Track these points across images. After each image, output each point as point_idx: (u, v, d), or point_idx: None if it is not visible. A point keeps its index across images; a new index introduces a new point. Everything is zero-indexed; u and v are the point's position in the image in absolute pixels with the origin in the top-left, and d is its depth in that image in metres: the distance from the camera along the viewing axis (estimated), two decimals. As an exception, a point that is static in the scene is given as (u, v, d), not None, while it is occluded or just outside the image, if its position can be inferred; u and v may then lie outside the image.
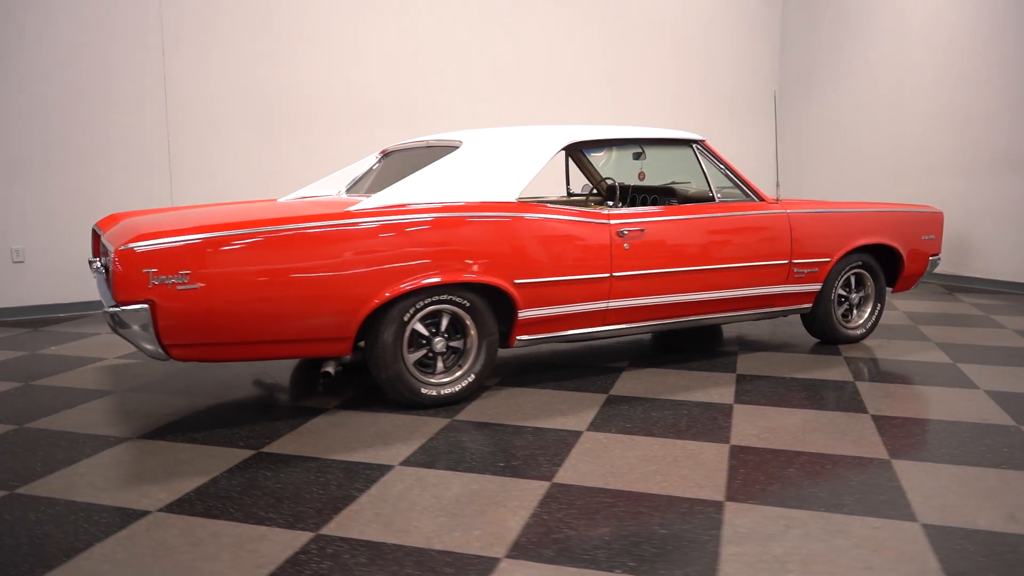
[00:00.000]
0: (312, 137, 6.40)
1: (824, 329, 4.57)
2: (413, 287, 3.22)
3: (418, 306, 3.30)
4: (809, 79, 8.42)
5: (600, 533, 2.24)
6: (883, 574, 2.01)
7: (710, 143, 4.39)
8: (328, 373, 3.27)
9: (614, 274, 3.69)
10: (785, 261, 4.21)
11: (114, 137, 5.74)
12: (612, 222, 3.70)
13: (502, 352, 4.44)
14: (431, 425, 3.20)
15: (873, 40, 7.65)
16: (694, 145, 4.13)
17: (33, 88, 5.47)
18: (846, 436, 3.05)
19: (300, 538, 2.21)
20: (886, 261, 4.76)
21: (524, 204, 3.54)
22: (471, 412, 3.37)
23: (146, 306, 2.79)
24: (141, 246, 2.79)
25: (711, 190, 4.10)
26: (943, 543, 2.17)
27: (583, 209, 3.70)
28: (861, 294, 4.68)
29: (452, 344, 3.46)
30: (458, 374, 3.46)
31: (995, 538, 2.20)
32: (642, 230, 3.77)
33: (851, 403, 3.47)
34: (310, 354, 3.20)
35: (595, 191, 5.26)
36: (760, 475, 2.67)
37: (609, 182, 5.14)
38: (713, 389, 3.70)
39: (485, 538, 2.21)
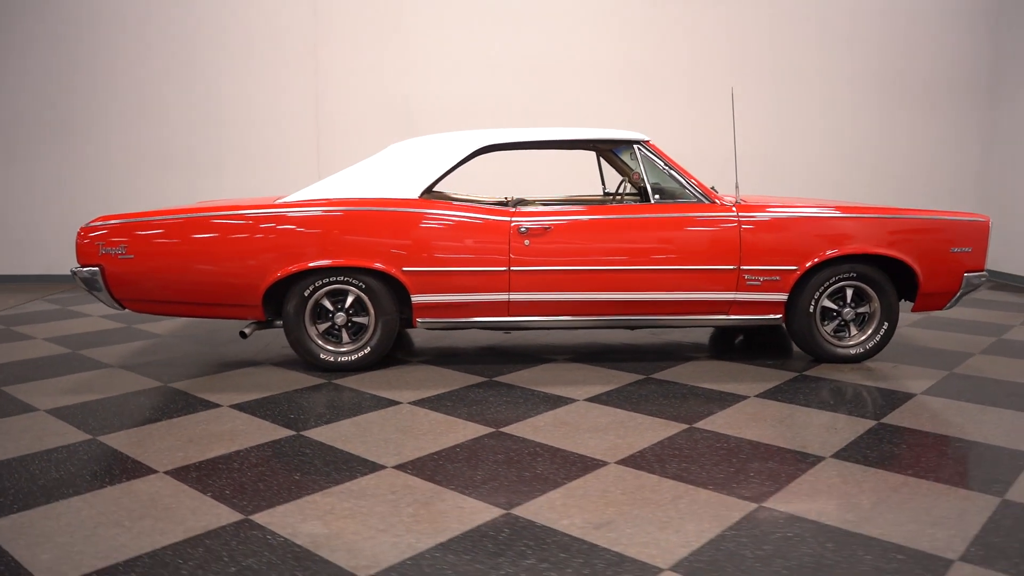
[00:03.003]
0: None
1: (807, 345, 4.20)
2: (305, 268, 3.86)
3: (316, 284, 3.93)
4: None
5: (276, 478, 2.70)
6: (416, 537, 2.23)
7: (654, 142, 4.32)
8: (244, 333, 4.05)
9: (512, 268, 3.93)
10: (732, 267, 4.00)
11: (276, 142, 7.16)
12: (513, 219, 3.94)
13: (468, 334, 4.83)
14: (307, 384, 3.82)
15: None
16: (636, 145, 4.13)
17: (210, 102, 7.08)
18: (624, 440, 3.02)
19: (75, 437, 3.02)
20: (906, 276, 4.19)
21: (422, 200, 3.96)
22: (354, 379, 3.91)
23: (97, 269, 3.83)
24: (95, 224, 3.84)
25: (649, 191, 4.09)
26: (530, 546, 2.27)
27: (484, 206, 4.00)
28: (865, 310, 4.18)
29: (358, 320, 4.03)
30: (355, 346, 4.02)
31: (599, 550, 2.23)
32: (547, 228, 3.94)
33: (696, 415, 3.32)
34: (230, 316, 4.01)
35: (630, 189, 5.30)
36: (477, 460, 2.85)
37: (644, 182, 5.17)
38: (592, 387, 3.75)
39: (181, 460, 2.82)
